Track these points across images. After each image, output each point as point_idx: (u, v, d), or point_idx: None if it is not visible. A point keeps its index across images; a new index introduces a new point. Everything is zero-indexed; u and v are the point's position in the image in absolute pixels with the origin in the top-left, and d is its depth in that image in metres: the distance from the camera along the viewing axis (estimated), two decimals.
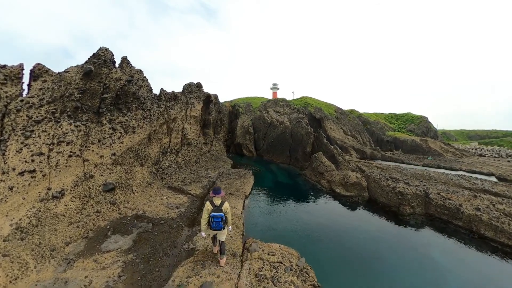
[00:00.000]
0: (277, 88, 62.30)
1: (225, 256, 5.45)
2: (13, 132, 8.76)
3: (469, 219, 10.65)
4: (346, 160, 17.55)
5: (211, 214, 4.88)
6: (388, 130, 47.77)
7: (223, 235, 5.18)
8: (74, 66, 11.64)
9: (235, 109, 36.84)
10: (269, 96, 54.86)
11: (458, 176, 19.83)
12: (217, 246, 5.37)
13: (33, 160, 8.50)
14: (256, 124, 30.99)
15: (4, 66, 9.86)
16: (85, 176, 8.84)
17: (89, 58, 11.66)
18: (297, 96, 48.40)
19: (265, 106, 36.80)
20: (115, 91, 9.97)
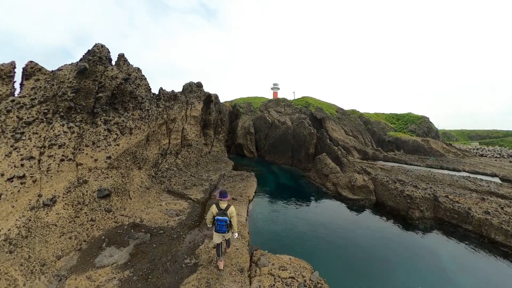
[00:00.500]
0: (278, 88, 61.78)
1: (231, 246, 5.86)
2: (3, 135, 8.17)
3: (479, 223, 10.35)
4: (351, 162, 17.07)
5: (216, 218, 4.93)
6: (389, 130, 47.37)
7: (228, 236, 5.32)
8: (69, 64, 11.04)
9: (236, 109, 36.29)
10: (270, 96, 54.34)
11: (463, 178, 19.46)
12: (222, 252, 5.44)
13: (23, 165, 7.94)
14: (257, 125, 30.44)
15: None
16: (79, 182, 8.27)
17: (84, 56, 11.06)
18: (298, 96, 47.93)
19: (266, 106, 36.26)
20: (111, 90, 9.39)
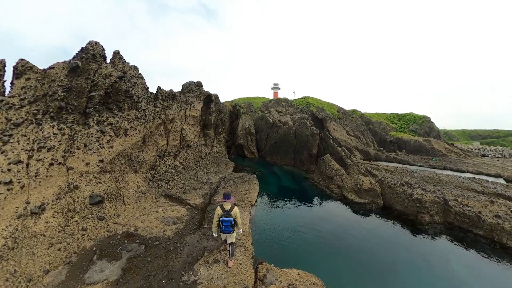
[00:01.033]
0: (278, 88, 61.27)
1: (234, 258, 5.75)
2: None
3: (491, 228, 10.00)
4: (355, 163, 16.53)
5: (221, 219, 5.12)
6: (391, 131, 46.93)
7: (233, 238, 5.44)
8: (61, 62, 10.48)
9: (236, 109, 35.73)
10: (270, 96, 53.82)
11: (469, 179, 19.08)
12: (228, 246, 5.62)
13: (10, 170, 7.40)
14: (258, 125, 29.88)
15: None
16: (69, 187, 7.71)
17: (77, 53, 10.51)
18: (299, 96, 47.41)
19: (267, 106, 35.72)
20: (104, 89, 8.82)
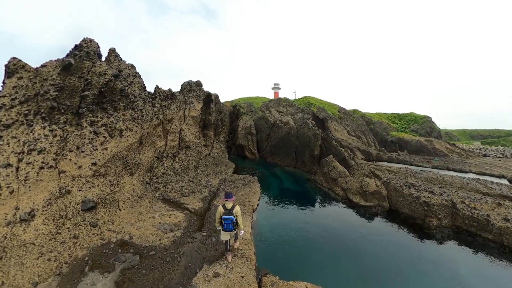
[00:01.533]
0: (279, 88, 60.84)
1: (238, 241, 6.12)
2: None
3: (500, 232, 9.73)
4: (359, 164, 16.12)
5: (223, 217, 5.23)
6: (392, 131, 46.60)
7: (235, 233, 5.62)
8: (54, 60, 10.05)
9: (236, 109, 35.30)
10: (270, 96, 53.42)
11: (474, 180, 18.82)
12: (230, 248, 5.72)
13: None
14: (259, 125, 29.46)
15: None
16: (61, 192, 7.28)
17: (71, 51, 10.08)
18: (299, 96, 46.97)
19: (267, 106, 35.30)
20: (98, 88, 8.39)
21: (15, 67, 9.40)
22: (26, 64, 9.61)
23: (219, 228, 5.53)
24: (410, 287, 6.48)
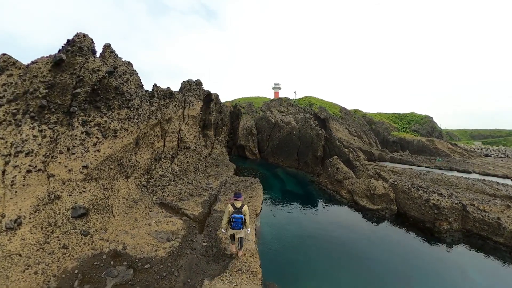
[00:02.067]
0: (279, 88, 60.28)
1: (242, 250, 6.07)
2: None
3: (511, 235, 9.47)
4: (363, 165, 15.61)
5: (232, 215, 5.39)
6: (393, 130, 46.21)
7: (242, 234, 5.70)
8: (46, 56, 9.50)
9: (237, 109, 34.78)
10: (271, 96, 52.89)
11: (480, 181, 18.44)
12: (236, 243, 5.93)
13: None
14: (259, 125, 28.93)
15: None
16: (50, 198, 6.74)
17: (63, 46, 9.53)
18: (300, 96, 46.46)
19: (268, 106, 34.79)
20: (91, 85, 7.85)
21: (5, 64, 8.85)
22: (17, 61, 9.07)
23: (225, 230, 5.65)
24: None
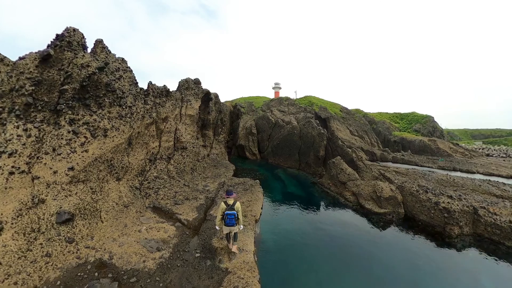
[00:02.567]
0: (279, 88, 59.78)
1: (237, 243, 6.27)
2: None
3: None
4: (367, 166, 15.08)
5: (226, 212, 5.53)
6: (394, 130, 45.72)
7: (236, 229, 5.82)
8: (34, 52, 9.02)
9: (237, 109, 34.30)
10: (271, 96, 52.40)
11: (485, 182, 17.93)
12: (231, 240, 6.05)
13: None
14: (260, 125, 28.43)
15: None
16: (33, 201, 6.25)
17: (52, 41, 9.04)
18: (300, 96, 45.95)
19: (268, 106, 34.30)
20: (79, 81, 7.35)
21: None
22: (5, 57, 8.58)
23: (219, 228, 5.83)
24: None
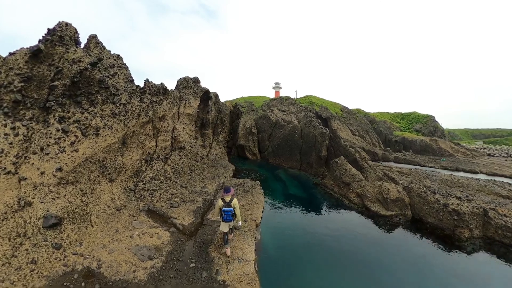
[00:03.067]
0: (280, 87, 59.41)
1: (234, 233, 6.66)
2: None
3: None
4: (372, 166, 14.66)
5: (223, 209, 5.63)
6: (395, 130, 45.38)
7: (233, 224, 5.92)
8: (26, 48, 8.63)
9: (237, 109, 33.94)
10: (271, 95, 52.07)
11: (491, 182, 17.64)
12: (229, 237, 6.13)
13: None
14: (260, 124, 28.04)
15: None
16: (20, 204, 5.85)
17: (43, 36, 8.65)
18: (301, 95, 45.59)
19: (269, 105, 33.94)
20: (70, 77, 6.96)
21: None
22: None
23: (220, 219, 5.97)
24: None
